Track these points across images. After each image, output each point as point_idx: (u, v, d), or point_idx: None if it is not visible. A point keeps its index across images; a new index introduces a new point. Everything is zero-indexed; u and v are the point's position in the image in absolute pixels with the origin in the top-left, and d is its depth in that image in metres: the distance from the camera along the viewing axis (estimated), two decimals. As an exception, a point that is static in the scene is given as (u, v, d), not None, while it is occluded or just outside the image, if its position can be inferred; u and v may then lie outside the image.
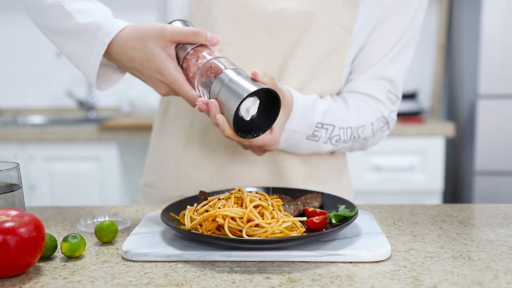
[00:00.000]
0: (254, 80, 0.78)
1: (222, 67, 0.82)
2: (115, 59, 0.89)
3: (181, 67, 0.86)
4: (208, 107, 0.79)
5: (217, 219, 0.75)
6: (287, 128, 0.91)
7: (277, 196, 0.85)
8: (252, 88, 0.76)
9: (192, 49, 0.85)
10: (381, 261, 0.72)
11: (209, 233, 0.76)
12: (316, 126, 0.95)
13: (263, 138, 0.83)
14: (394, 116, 1.04)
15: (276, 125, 0.85)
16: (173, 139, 1.05)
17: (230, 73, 0.80)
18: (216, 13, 0.96)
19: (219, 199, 0.79)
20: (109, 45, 0.87)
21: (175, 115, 1.04)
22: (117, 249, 0.78)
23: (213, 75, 0.82)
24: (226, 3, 0.96)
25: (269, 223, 0.74)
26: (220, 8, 0.96)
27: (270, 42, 0.97)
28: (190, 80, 0.85)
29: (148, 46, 0.84)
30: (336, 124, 0.97)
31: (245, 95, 0.76)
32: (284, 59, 0.97)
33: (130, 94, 2.78)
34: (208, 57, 0.84)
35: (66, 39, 0.91)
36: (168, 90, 0.88)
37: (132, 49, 0.85)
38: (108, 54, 0.89)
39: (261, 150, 0.88)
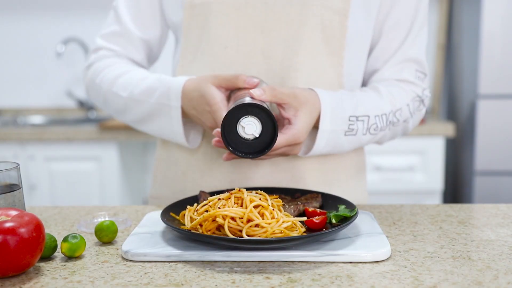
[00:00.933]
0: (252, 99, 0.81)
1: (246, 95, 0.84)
2: (183, 110, 0.97)
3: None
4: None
5: (217, 219, 0.75)
6: (323, 129, 0.92)
7: (277, 196, 0.85)
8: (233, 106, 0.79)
9: (237, 89, 0.90)
10: (381, 261, 0.72)
11: (209, 233, 0.76)
12: (350, 120, 0.94)
13: (286, 138, 0.86)
14: (427, 93, 1.06)
15: (298, 122, 0.87)
16: (178, 148, 1.05)
17: (245, 99, 0.82)
18: (211, 19, 0.97)
19: (219, 199, 0.79)
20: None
21: None
22: (117, 249, 0.78)
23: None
24: (219, 8, 0.96)
25: (269, 223, 0.74)
26: (213, 14, 0.97)
27: (267, 41, 0.97)
28: None
29: (203, 86, 0.92)
30: (370, 113, 0.97)
31: (223, 116, 0.79)
32: (284, 55, 0.97)
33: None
34: (243, 92, 0.87)
35: (150, 122, 1.01)
36: (213, 121, 0.92)
37: (193, 91, 0.94)
38: (182, 111, 0.97)
39: (289, 150, 0.89)
